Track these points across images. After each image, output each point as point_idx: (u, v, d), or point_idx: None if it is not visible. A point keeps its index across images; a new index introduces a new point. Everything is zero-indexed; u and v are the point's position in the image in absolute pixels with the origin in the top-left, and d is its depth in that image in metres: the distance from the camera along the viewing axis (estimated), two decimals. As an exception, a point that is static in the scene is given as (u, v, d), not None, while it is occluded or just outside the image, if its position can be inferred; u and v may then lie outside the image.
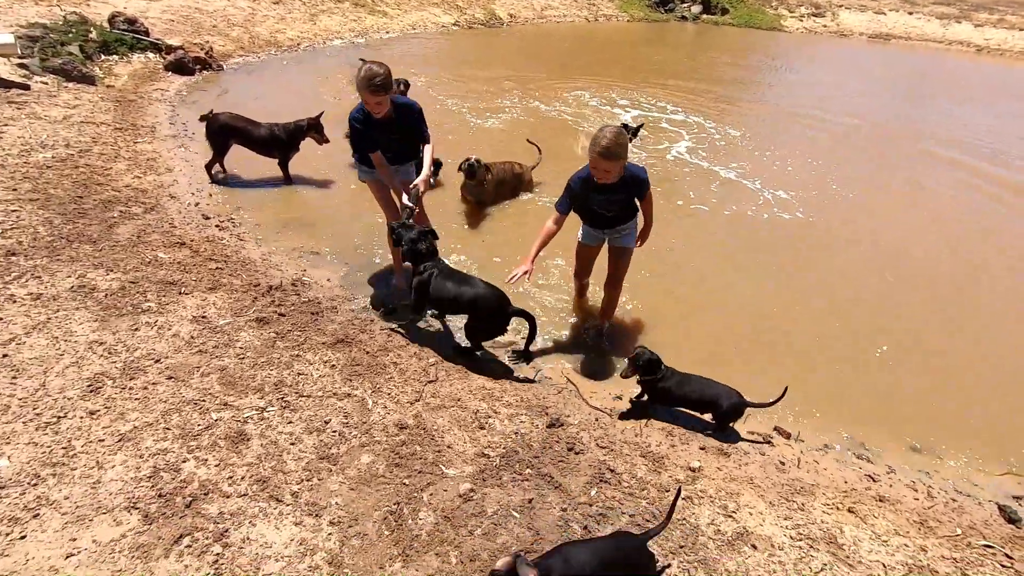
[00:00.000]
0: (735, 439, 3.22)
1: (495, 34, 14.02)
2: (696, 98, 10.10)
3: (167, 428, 2.68)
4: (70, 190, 4.57)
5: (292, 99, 7.57)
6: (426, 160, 3.87)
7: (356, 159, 4.04)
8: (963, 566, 2.56)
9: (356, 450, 2.74)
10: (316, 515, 2.40)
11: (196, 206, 4.86)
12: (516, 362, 3.70)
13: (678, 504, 2.35)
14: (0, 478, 2.34)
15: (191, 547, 2.20)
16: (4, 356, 2.93)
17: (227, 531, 2.28)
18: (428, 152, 3.88)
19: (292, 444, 2.72)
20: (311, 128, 5.50)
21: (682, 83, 10.87)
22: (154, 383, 2.93)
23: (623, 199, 3.50)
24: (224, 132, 5.28)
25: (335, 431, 2.83)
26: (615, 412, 3.33)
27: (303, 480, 2.55)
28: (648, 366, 3.22)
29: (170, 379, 2.97)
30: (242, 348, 3.28)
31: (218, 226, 4.64)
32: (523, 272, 3.30)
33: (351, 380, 3.20)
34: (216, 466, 2.54)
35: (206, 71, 8.29)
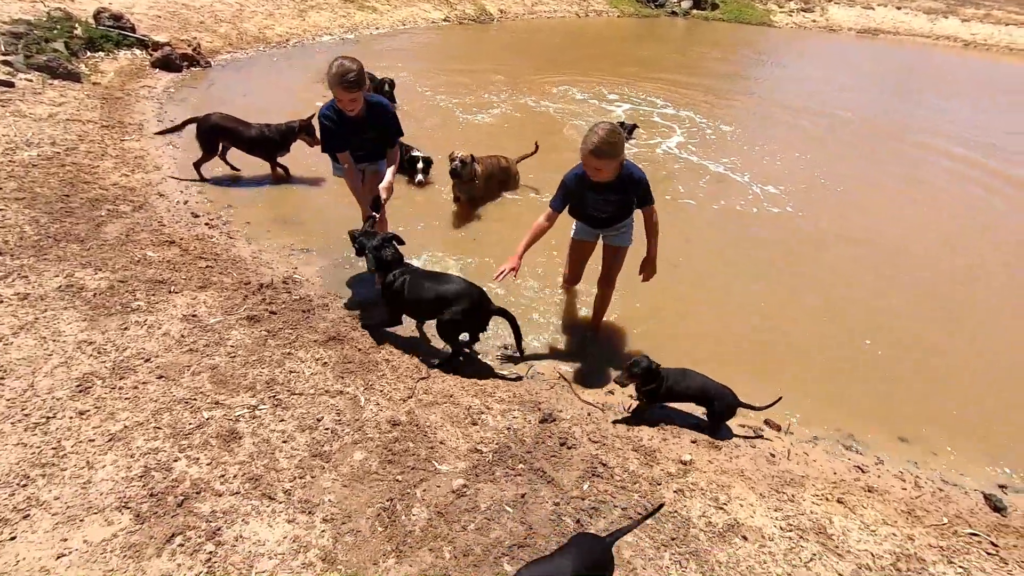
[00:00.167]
0: (727, 434, 3.25)
1: (485, 29, 13.98)
2: (686, 92, 10.13)
3: (158, 427, 2.67)
4: (56, 189, 4.52)
5: (281, 96, 7.53)
6: (390, 167, 3.80)
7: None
8: (949, 554, 2.60)
9: (349, 447, 2.74)
10: (309, 512, 2.40)
11: (185, 204, 4.82)
12: (507, 364, 3.64)
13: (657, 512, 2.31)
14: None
15: (183, 546, 2.19)
16: (-9, 357, 2.90)
17: (220, 529, 2.27)
18: (393, 156, 3.82)
19: (284, 442, 2.71)
20: (302, 130, 5.46)
21: (672, 78, 10.90)
22: (144, 382, 2.91)
23: (619, 199, 3.41)
24: (215, 132, 5.24)
25: (328, 428, 2.83)
26: (607, 407, 3.34)
27: (296, 478, 2.55)
28: (647, 375, 3.11)
29: (160, 378, 2.95)
30: (233, 346, 3.27)
31: (208, 224, 4.61)
32: (510, 269, 3.26)
33: (343, 377, 3.20)
34: (208, 465, 2.53)
35: (194, 68, 8.21)
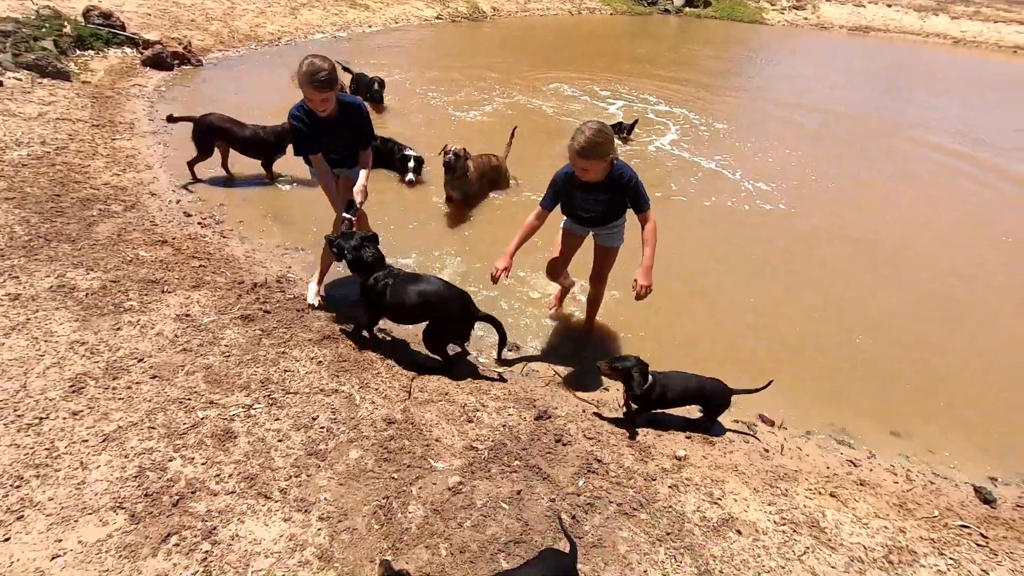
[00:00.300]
0: (720, 429, 3.26)
1: (478, 27, 13.96)
2: (679, 89, 10.16)
3: (152, 427, 2.66)
4: (47, 188, 4.48)
5: (273, 95, 7.45)
6: (363, 165, 3.66)
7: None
8: (940, 546, 2.63)
9: (344, 446, 2.74)
10: (305, 511, 2.40)
11: (177, 203, 4.80)
12: (493, 369, 3.56)
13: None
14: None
15: (179, 545, 2.19)
16: (-17, 358, 2.88)
17: (215, 529, 2.27)
18: (366, 159, 3.69)
19: (280, 441, 2.71)
20: None
21: (665, 75, 10.93)
22: (138, 382, 2.90)
23: (608, 199, 3.32)
24: (210, 133, 5.20)
25: (323, 427, 2.83)
26: (602, 404, 3.36)
27: (291, 476, 2.54)
28: (627, 376, 3.05)
29: (154, 378, 2.94)
30: (227, 346, 3.26)
31: (200, 223, 4.58)
32: (502, 268, 3.22)
33: (338, 376, 3.19)
34: (203, 464, 2.53)
35: (185, 66, 8.15)
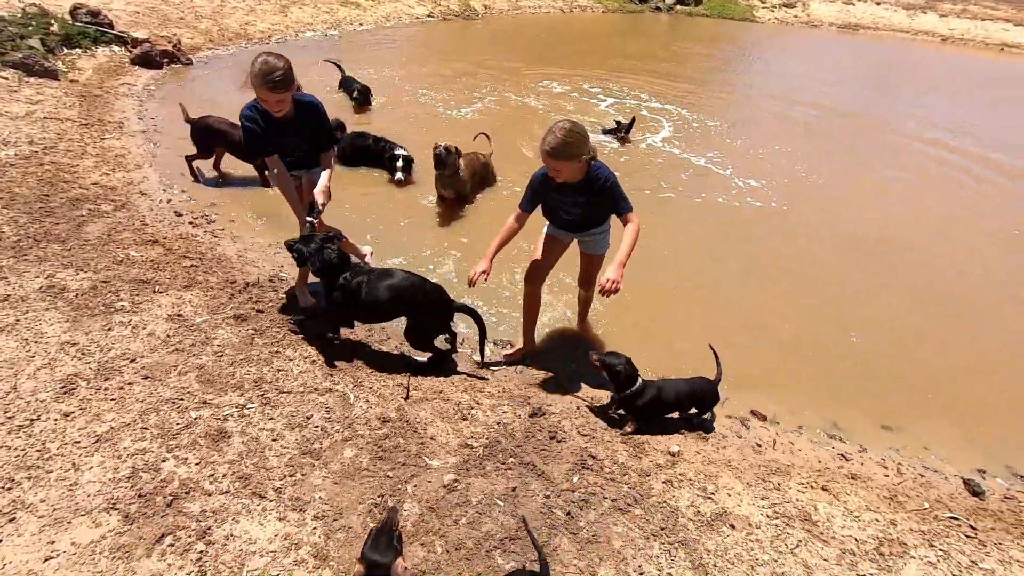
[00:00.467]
0: (711, 426, 3.28)
1: (470, 25, 13.93)
2: (672, 87, 10.19)
3: (145, 428, 2.65)
4: (35, 188, 4.44)
5: (264, 93, 7.42)
6: (324, 167, 3.50)
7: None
8: (930, 538, 2.67)
9: (339, 444, 2.74)
10: (300, 510, 2.40)
11: (168, 203, 4.76)
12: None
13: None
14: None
15: (174, 546, 2.18)
16: (-28, 359, 2.85)
17: (210, 529, 2.26)
18: (328, 160, 3.54)
19: (274, 440, 2.70)
20: None
21: (657, 73, 10.95)
22: (130, 383, 2.88)
23: (586, 201, 3.20)
24: (208, 134, 5.19)
25: (317, 426, 2.82)
26: (596, 401, 3.37)
27: (286, 476, 2.54)
28: (612, 372, 3.04)
29: (146, 379, 2.92)
30: (220, 346, 3.24)
31: (192, 223, 4.55)
32: (481, 272, 3.13)
33: (332, 375, 3.19)
34: (197, 464, 2.52)
35: (174, 65, 8.08)
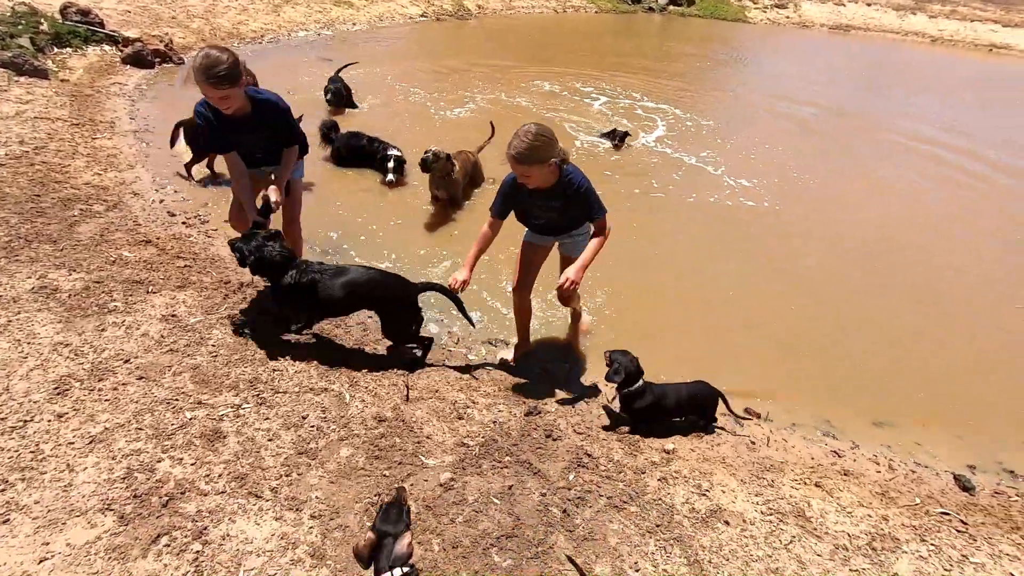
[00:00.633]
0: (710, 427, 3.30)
1: (463, 25, 13.92)
2: (664, 85, 10.24)
3: (140, 428, 2.64)
4: (26, 188, 4.40)
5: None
6: (284, 165, 3.30)
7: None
8: (922, 533, 2.70)
9: (335, 444, 2.74)
10: (296, 509, 2.40)
11: (161, 203, 4.74)
12: (490, 358, 3.56)
13: None
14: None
15: (169, 546, 2.18)
16: (-37, 360, 2.83)
17: (206, 529, 2.26)
18: (289, 157, 3.33)
19: (269, 440, 2.70)
20: None
21: (650, 73, 10.99)
22: (124, 384, 2.87)
23: (561, 206, 3.10)
24: (199, 134, 5.14)
25: (313, 426, 2.82)
26: (591, 399, 3.38)
27: (282, 475, 2.54)
28: (613, 365, 3.04)
29: (141, 379, 2.91)
30: (214, 346, 3.23)
31: (185, 223, 4.53)
32: (461, 281, 3.05)
33: (328, 374, 3.19)
34: (192, 465, 2.51)
35: (166, 64, 8.03)
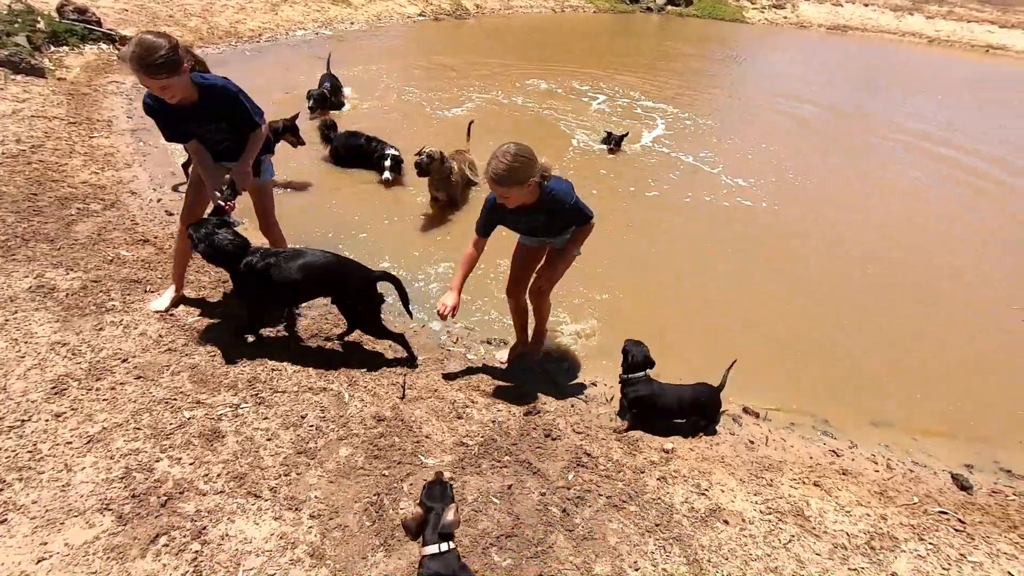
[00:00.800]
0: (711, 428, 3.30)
1: (461, 25, 13.91)
2: (663, 85, 10.25)
3: (138, 428, 2.63)
4: (23, 187, 4.39)
5: (254, 94, 7.36)
6: (248, 151, 3.13)
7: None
8: (920, 531, 2.71)
9: (334, 443, 2.74)
10: (296, 509, 2.39)
11: (159, 202, 4.72)
12: (489, 357, 3.60)
13: None
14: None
15: (168, 546, 2.17)
16: (-40, 360, 2.82)
17: (205, 528, 2.25)
18: (256, 138, 3.16)
19: (268, 440, 2.69)
20: (286, 130, 5.36)
21: (648, 73, 11.00)
22: (122, 383, 2.86)
23: (548, 219, 3.04)
24: None
25: (312, 425, 2.81)
26: (589, 399, 3.39)
27: (281, 475, 2.53)
28: (624, 353, 3.11)
29: (139, 379, 2.90)
30: (213, 345, 3.22)
31: (183, 222, 4.52)
32: (451, 307, 2.92)
33: (326, 374, 3.18)
34: (191, 464, 2.51)
35: (164, 63, 8.01)
